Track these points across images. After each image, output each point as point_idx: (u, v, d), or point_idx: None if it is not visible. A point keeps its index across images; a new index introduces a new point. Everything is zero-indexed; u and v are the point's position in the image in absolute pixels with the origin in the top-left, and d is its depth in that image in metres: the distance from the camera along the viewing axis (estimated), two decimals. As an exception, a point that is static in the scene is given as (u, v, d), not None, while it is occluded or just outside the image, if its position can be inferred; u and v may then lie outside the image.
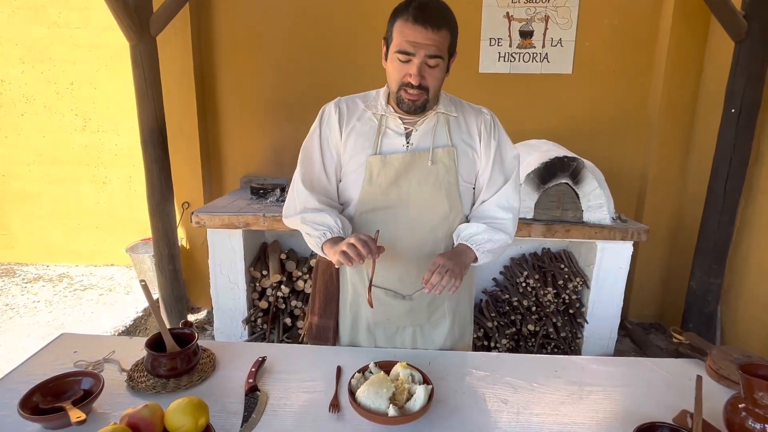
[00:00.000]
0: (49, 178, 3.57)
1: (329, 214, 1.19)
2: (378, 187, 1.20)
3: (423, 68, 1.09)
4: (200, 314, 3.29)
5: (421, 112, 1.17)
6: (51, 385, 0.98)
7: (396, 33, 1.09)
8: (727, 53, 2.45)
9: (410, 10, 1.07)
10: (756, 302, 2.41)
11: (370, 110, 1.22)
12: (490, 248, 1.20)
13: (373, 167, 1.19)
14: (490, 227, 1.21)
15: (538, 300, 2.61)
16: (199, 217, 2.46)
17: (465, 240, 1.20)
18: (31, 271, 3.57)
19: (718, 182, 2.45)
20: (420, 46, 1.06)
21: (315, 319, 1.37)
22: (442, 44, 1.08)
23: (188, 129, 3.08)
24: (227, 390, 1.06)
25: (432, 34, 1.06)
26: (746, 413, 0.89)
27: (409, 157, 1.19)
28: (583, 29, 2.93)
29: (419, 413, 0.94)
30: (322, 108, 1.27)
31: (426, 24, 1.05)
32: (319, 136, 1.24)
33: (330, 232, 1.18)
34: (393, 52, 1.11)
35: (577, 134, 3.04)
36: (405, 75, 1.10)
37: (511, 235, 1.24)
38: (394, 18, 1.11)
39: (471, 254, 1.18)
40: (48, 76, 3.40)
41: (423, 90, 1.11)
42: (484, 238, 1.19)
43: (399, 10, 1.10)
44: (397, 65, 1.11)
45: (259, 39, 3.07)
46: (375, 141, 1.20)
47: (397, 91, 1.13)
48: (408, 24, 1.06)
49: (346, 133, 1.22)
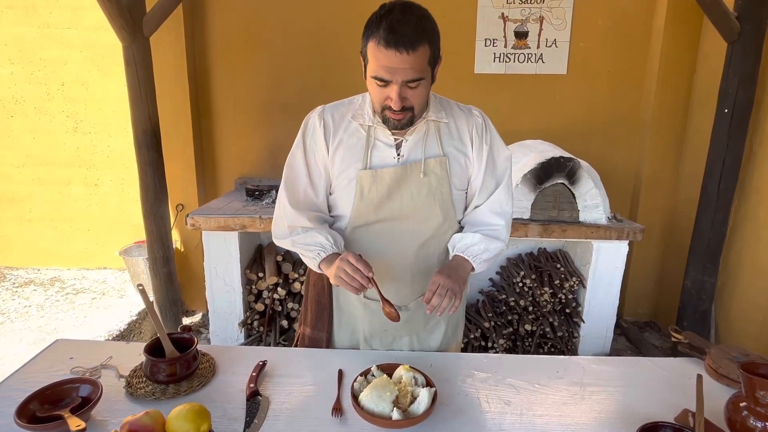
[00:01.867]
0: (40, 180, 3.52)
1: (319, 233, 1.16)
2: (370, 203, 1.16)
3: (404, 91, 1.02)
4: (195, 317, 3.26)
5: (408, 126, 1.12)
6: (48, 393, 0.96)
7: (370, 56, 1.01)
8: (719, 54, 2.47)
9: (381, 32, 0.96)
10: (749, 300, 2.43)
11: (357, 120, 1.15)
12: (486, 258, 1.18)
13: (363, 182, 1.15)
14: (485, 237, 1.19)
15: (534, 300, 2.62)
16: (194, 219, 2.44)
17: (461, 252, 1.18)
18: (22, 275, 3.51)
19: (712, 182, 2.47)
20: (397, 72, 0.98)
21: (307, 331, 1.36)
22: (421, 63, 1.00)
23: (182, 130, 3.05)
24: (228, 395, 1.05)
25: (408, 56, 0.97)
26: (748, 412, 0.90)
27: (401, 171, 1.15)
28: (577, 30, 2.94)
29: (423, 416, 0.94)
30: (305, 120, 1.20)
31: (399, 48, 0.96)
32: (303, 151, 1.19)
33: (323, 251, 1.15)
34: (369, 75, 1.04)
35: (571, 134, 3.05)
36: (386, 99, 1.04)
37: (505, 242, 1.23)
38: (366, 34, 1.02)
39: (468, 266, 1.17)
40: (38, 77, 3.35)
41: (407, 110, 1.06)
42: (480, 248, 1.17)
43: (371, 27, 1.00)
44: (375, 89, 1.04)
45: (254, 39, 3.05)
46: (364, 154, 1.14)
47: (381, 111, 1.08)
48: (381, 48, 0.97)
49: (333, 147, 1.16)
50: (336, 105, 1.21)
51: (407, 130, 1.15)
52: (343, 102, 1.21)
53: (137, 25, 2.40)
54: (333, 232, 1.19)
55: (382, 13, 0.99)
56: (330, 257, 1.14)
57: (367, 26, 1.02)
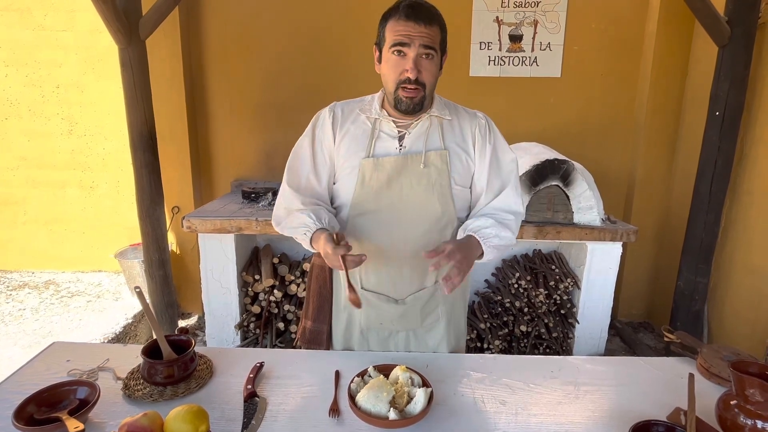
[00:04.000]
0: (34, 183, 3.50)
1: (303, 213, 1.19)
2: (370, 190, 1.20)
3: (418, 61, 1.10)
4: (191, 320, 3.25)
5: (418, 110, 1.17)
6: (45, 395, 0.96)
7: (388, 32, 1.12)
8: (711, 57, 2.50)
9: (401, 9, 1.10)
10: (741, 300, 2.46)
11: (365, 114, 1.22)
12: (496, 244, 1.17)
13: (365, 170, 1.19)
14: (497, 222, 1.19)
15: (530, 301, 2.63)
16: (190, 221, 2.44)
17: (473, 232, 1.17)
18: (16, 278, 3.49)
19: (704, 183, 2.50)
20: (414, 38, 1.09)
21: (308, 324, 1.37)
22: (435, 38, 1.11)
23: (178, 132, 3.05)
24: (225, 396, 1.05)
25: (424, 28, 1.09)
26: (738, 410, 0.92)
27: (402, 160, 1.19)
28: (571, 33, 2.97)
29: (419, 416, 0.95)
30: (317, 113, 1.27)
31: (418, 19, 1.08)
32: (311, 138, 1.25)
33: (308, 230, 1.17)
34: (387, 49, 1.13)
35: (565, 136, 3.08)
36: (401, 71, 1.11)
37: (515, 235, 1.23)
38: (384, 21, 1.14)
39: (478, 249, 1.16)
40: (33, 80, 3.34)
41: (420, 86, 1.12)
42: (492, 232, 1.17)
43: (389, 12, 1.14)
44: (392, 62, 1.12)
45: (249, 42, 3.05)
46: (368, 144, 1.20)
47: (395, 90, 1.13)
48: (400, 21, 1.09)
49: (340, 136, 1.22)
50: (348, 102, 1.28)
51: (411, 123, 1.20)
52: (354, 99, 1.29)
53: (133, 28, 2.40)
54: (318, 210, 1.21)
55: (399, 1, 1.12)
56: (318, 234, 1.15)
57: (384, 15, 1.15)
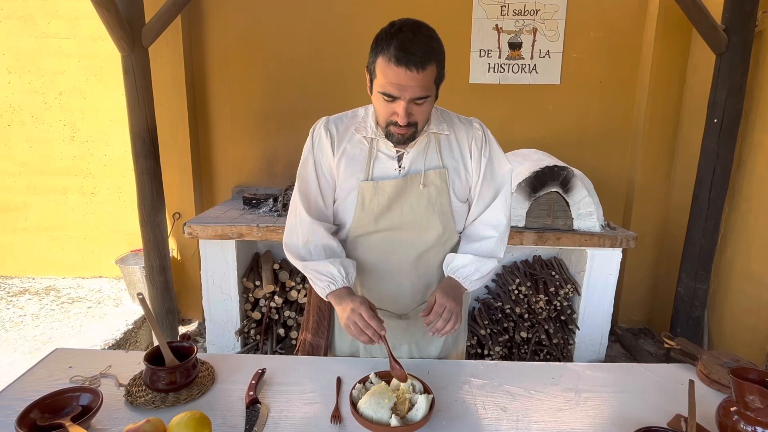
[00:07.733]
0: (36, 189, 3.51)
1: (332, 263, 1.16)
2: (371, 213, 1.19)
3: (410, 108, 1.05)
4: (191, 326, 3.25)
5: (410, 141, 1.15)
6: (48, 402, 0.96)
7: (379, 71, 1.03)
8: (708, 65, 2.53)
9: (392, 50, 0.99)
10: (740, 306, 2.46)
11: (360, 133, 1.18)
12: (478, 278, 1.21)
13: (365, 193, 1.17)
14: (476, 258, 1.20)
15: (530, 307, 2.64)
16: (191, 228, 2.45)
17: (453, 273, 1.20)
18: (17, 284, 3.49)
19: (703, 190, 2.51)
20: (405, 89, 1.01)
21: (309, 336, 1.37)
22: (429, 82, 1.03)
23: (179, 139, 3.06)
24: (227, 403, 1.06)
25: (417, 74, 0.99)
26: (738, 416, 0.92)
27: (402, 183, 1.17)
28: (570, 41, 3.00)
29: (421, 423, 0.95)
30: (311, 130, 1.23)
31: (410, 66, 0.98)
32: (313, 162, 1.21)
33: (334, 284, 1.15)
34: (377, 90, 1.06)
35: (565, 143, 3.10)
36: (391, 114, 1.06)
37: (499, 257, 1.24)
38: (376, 50, 1.04)
39: (461, 286, 1.20)
40: (36, 86, 3.36)
41: (411, 126, 1.08)
42: (471, 269, 1.19)
43: (381, 43, 1.02)
44: (382, 104, 1.07)
45: (251, 49, 3.08)
46: (366, 166, 1.17)
47: (386, 126, 1.11)
48: (391, 65, 0.99)
49: (338, 155, 1.19)
50: (339, 117, 1.24)
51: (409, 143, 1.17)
52: (346, 114, 1.24)
53: (136, 35, 2.43)
54: (346, 263, 1.18)
55: (392, 31, 1.01)
56: (339, 290, 1.15)
57: (376, 42, 1.04)
